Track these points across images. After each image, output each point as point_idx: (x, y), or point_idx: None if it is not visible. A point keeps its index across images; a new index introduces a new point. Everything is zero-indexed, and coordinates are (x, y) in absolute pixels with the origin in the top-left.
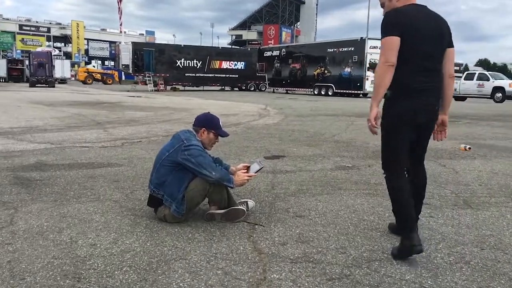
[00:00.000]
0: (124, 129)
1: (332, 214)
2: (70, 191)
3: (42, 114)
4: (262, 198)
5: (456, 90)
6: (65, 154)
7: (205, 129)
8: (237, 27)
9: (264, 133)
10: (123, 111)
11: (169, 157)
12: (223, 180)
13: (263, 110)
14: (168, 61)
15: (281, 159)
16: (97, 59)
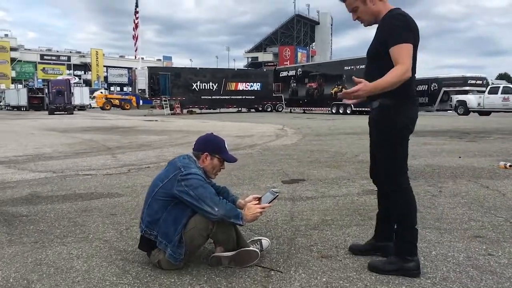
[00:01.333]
0: (134, 154)
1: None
2: (57, 228)
3: (52, 141)
4: (280, 233)
5: (480, 105)
6: (64, 183)
7: (208, 154)
8: (253, 50)
9: (282, 154)
10: (136, 135)
11: (163, 189)
12: (229, 217)
13: (280, 130)
14: (184, 85)
15: (300, 183)
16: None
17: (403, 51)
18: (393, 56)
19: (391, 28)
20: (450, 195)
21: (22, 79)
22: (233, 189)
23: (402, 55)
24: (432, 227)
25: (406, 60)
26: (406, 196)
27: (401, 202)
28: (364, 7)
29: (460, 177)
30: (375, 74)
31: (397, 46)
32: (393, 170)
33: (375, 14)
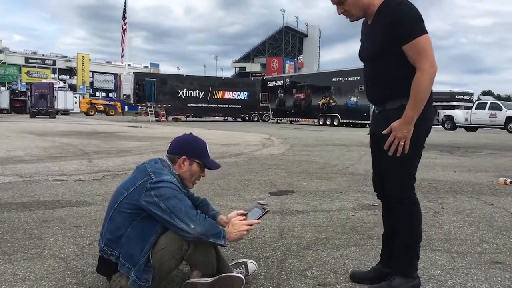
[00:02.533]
0: (111, 160)
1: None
2: (8, 242)
3: (27, 144)
4: (268, 253)
5: (467, 120)
6: (29, 189)
7: (186, 158)
8: (241, 60)
9: (269, 164)
10: (116, 141)
11: (128, 199)
12: (208, 236)
13: (267, 140)
14: (170, 92)
15: (289, 195)
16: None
17: (423, 44)
18: (410, 53)
19: (402, 21)
20: (453, 212)
21: (6, 82)
22: (216, 200)
23: (423, 49)
24: (442, 250)
25: (429, 54)
26: (417, 209)
27: (413, 216)
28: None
29: (460, 193)
30: (385, 76)
31: (415, 40)
32: (407, 180)
33: (365, 6)
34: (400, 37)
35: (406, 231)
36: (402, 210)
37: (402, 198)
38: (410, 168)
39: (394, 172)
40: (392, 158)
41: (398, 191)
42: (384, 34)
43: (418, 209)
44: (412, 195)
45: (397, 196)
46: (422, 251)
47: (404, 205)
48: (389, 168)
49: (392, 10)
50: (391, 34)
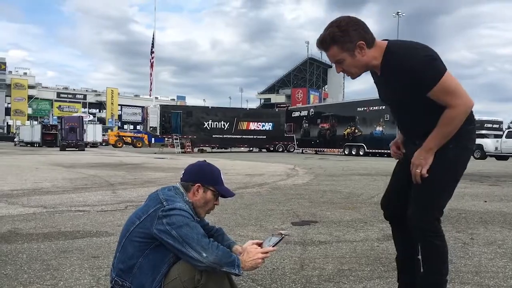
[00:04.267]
0: (135, 191)
1: None
2: (25, 273)
3: (54, 176)
4: (287, 285)
5: (497, 149)
6: (51, 220)
7: (201, 185)
8: (266, 91)
9: (292, 193)
10: (142, 172)
11: (140, 228)
12: (220, 265)
13: (291, 170)
14: (196, 123)
15: (312, 225)
16: (130, 123)
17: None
18: (439, 98)
19: (415, 71)
20: (484, 243)
21: (38, 116)
22: (237, 230)
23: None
24: (472, 283)
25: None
26: (441, 243)
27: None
28: (352, 60)
29: (491, 223)
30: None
31: (438, 84)
32: (433, 210)
33: (365, 64)
34: (421, 87)
35: (430, 266)
36: (427, 244)
37: (425, 229)
38: (440, 198)
39: (422, 197)
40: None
41: (421, 219)
42: (402, 87)
43: (443, 243)
44: (436, 228)
45: (419, 224)
46: (450, 284)
47: (426, 237)
48: (417, 193)
49: (400, 64)
50: (410, 87)
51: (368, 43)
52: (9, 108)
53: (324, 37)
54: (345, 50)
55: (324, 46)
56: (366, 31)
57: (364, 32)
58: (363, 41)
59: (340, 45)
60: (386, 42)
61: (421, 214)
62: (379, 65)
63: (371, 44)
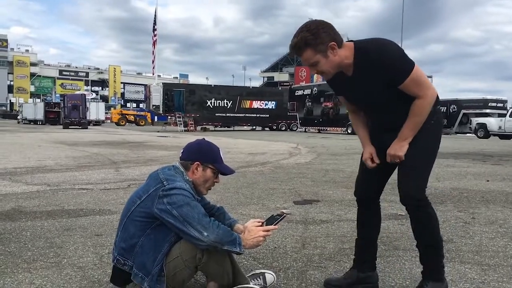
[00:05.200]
0: (138, 169)
1: None
2: (29, 250)
3: (58, 154)
4: (289, 264)
5: (501, 128)
6: (54, 198)
7: (200, 163)
8: (269, 69)
9: (294, 173)
10: (145, 150)
11: (141, 207)
12: (222, 244)
13: (294, 148)
14: (199, 101)
15: (314, 204)
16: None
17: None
18: (409, 89)
19: (387, 66)
20: (485, 222)
21: (41, 94)
22: (239, 209)
23: (419, 80)
24: (472, 262)
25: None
26: (433, 211)
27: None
28: (326, 60)
29: (492, 203)
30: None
31: (409, 77)
32: (425, 183)
33: (339, 64)
34: (393, 80)
35: (429, 234)
36: (423, 214)
37: (422, 200)
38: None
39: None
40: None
41: (415, 193)
42: (374, 81)
43: (434, 210)
44: (427, 198)
45: (417, 197)
46: (451, 263)
47: (424, 208)
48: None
49: (378, 59)
50: (382, 80)
51: (338, 43)
52: (12, 85)
53: (296, 42)
54: (318, 52)
55: (298, 51)
56: (335, 32)
57: (333, 33)
58: (334, 42)
59: (313, 48)
60: (352, 42)
61: (417, 186)
62: (350, 64)
63: (341, 45)
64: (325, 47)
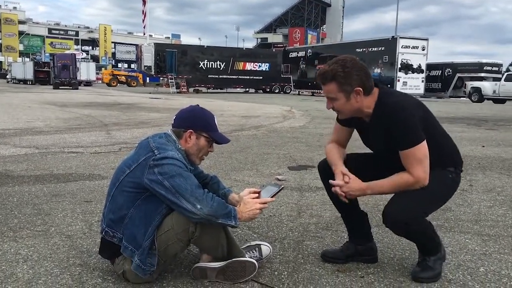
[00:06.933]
0: (130, 132)
1: (398, 266)
2: (15, 218)
3: (47, 115)
4: (284, 234)
5: (495, 92)
6: (43, 162)
7: (193, 131)
8: (263, 30)
9: (289, 137)
10: (137, 112)
11: (130, 177)
12: (216, 217)
13: (288, 112)
14: (191, 63)
15: (309, 170)
16: (124, 62)
17: (419, 153)
18: (404, 160)
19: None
20: (483, 190)
21: (30, 53)
22: (232, 175)
23: (419, 159)
24: (472, 232)
25: (424, 164)
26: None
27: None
28: (346, 102)
29: (489, 169)
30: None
31: (413, 149)
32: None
33: (358, 110)
34: (398, 144)
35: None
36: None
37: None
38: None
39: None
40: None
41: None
42: (385, 140)
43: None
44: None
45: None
46: (450, 233)
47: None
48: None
49: (388, 116)
50: (390, 139)
51: (366, 91)
52: (0, 44)
53: (325, 71)
54: (343, 90)
55: (323, 80)
56: (368, 78)
57: (365, 79)
58: (361, 88)
59: (339, 85)
60: (377, 90)
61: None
62: (370, 114)
63: (369, 92)
64: (351, 89)
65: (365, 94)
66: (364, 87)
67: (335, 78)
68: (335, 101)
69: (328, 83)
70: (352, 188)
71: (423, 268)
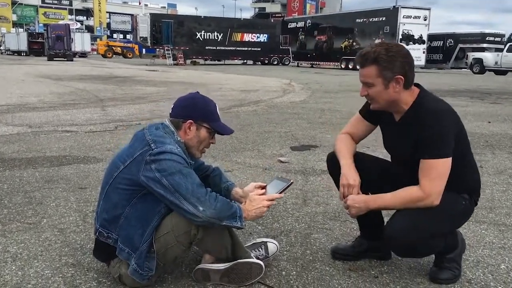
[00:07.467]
0: (126, 108)
1: (413, 263)
2: (5, 208)
3: (41, 90)
4: (290, 225)
5: (497, 63)
6: (36, 142)
7: (193, 122)
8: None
9: (289, 113)
10: (133, 86)
11: (125, 174)
12: (220, 219)
13: (287, 85)
14: (188, 34)
15: (312, 150)
16: (119, 32)
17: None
18: (421, 170)
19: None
20: (494, 172)
21: (23, 23)
22: (233, 156)
23: (435, 174)
24: (487, 221)
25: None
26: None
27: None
28: (383, 89)
29: (498, 148)
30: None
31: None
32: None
33: (394, 102)
34: (423, 150)
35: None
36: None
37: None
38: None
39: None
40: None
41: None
42: (412, 144)
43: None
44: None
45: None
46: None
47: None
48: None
49: (424, 120)
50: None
51: (407, 82)
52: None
53: (368, 52)
54: (382, 76)
55: (363, 61)
56: (411, 69)
57: (408, 68)
58: (403, 77)
59: (379, 69)
60: (417, 90)
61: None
62: (404, 111)
63: (409, 86)
64: (391, 76)
65: (405, 86)
66: (406, 78)
67: (377, 60)
68: (371, 87)
69: (368, 66)
70: (357, 200)
71: (441, 268)
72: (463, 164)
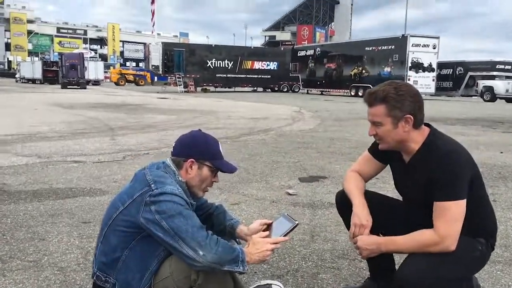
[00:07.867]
0: (135, 137)
1: None
2: (7, 244)
3: (53, 118)
4: (297, 264)
5: (508, 91)
6: (43, 173)
7: (194, 161)
8: (271, 28)
9: (298, 142)
10: (143, 114)
11: (124, 215)
12: (222, 264)
13: (297, 113)
14: (199, 62)
15: (321, 182)
16: (132, 60)
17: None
18: (436, 212)
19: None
20: (508, 206)
21: (39, 52)
22: (240, 188)
23: (449, 217)
24: (503, 261)
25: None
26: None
27: None
28: (392, 129)
29: (511, 180)
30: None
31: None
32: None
33: (403, 142)
34: (437, 192)
35: None
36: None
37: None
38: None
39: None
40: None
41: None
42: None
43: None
44: None
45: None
46: None
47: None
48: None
49: (437, 161)
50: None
51: (416, 122)
52: (9, 43)
53: (377, 91)
54: (391, 115)
55: (371, 100)
56: (421, 108)
57: (418, 109)
58: (412, 116)
59: (389, 108)
60: (428, 130)
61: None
62: (413, 152)
63: (418, 126)
64: (401, 116)
65: (415, 126)
66: (415, 117)
67: (386, 99)
68: (379, 126)
69: (377, 105)
70: (366, 242)
71: None
72: (478, 206)
